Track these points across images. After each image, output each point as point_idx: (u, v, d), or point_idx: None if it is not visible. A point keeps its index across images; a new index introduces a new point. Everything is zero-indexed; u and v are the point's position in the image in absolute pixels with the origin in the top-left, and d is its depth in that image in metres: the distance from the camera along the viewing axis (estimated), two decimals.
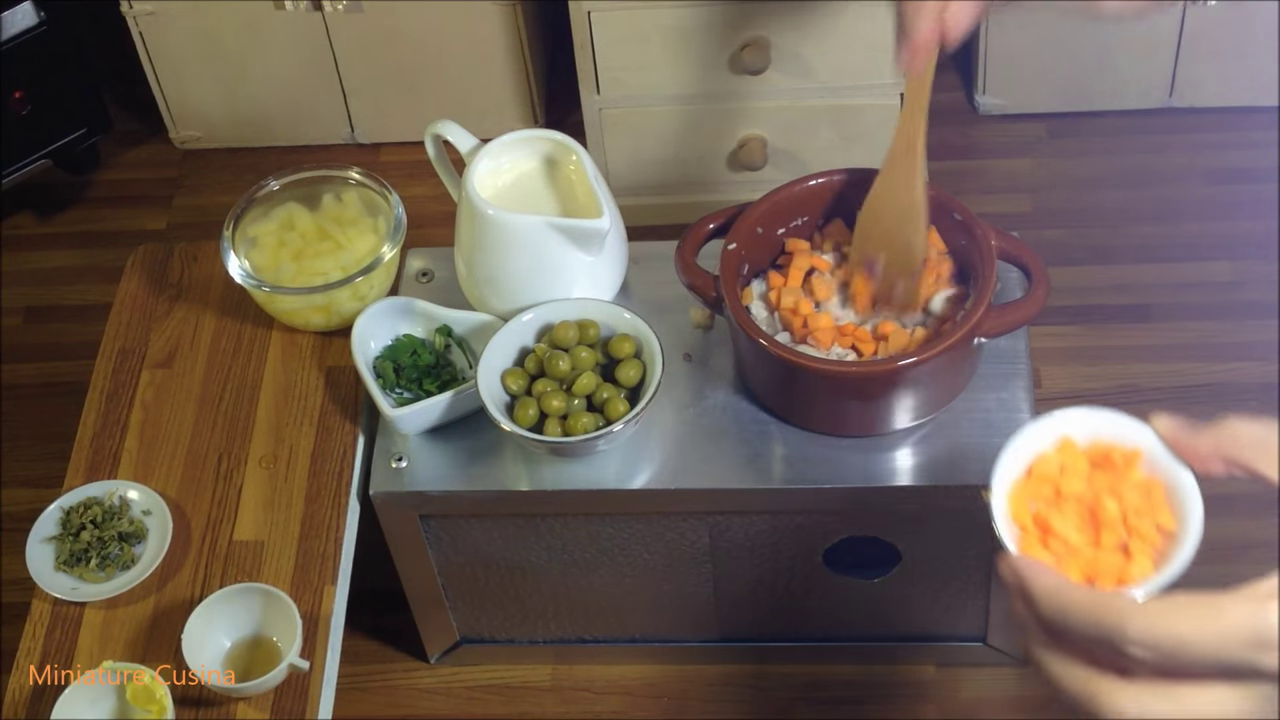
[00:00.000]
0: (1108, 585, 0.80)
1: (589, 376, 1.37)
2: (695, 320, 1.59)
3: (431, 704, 1.84)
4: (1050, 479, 0.85)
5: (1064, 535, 0.81)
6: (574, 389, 1.37)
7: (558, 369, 1.36)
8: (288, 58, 2.30)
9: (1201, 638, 0.65)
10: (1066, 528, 0.82)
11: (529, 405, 1.37)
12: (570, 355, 1.39)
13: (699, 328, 1.59)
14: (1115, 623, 0.66)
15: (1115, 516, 0.82)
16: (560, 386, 1.39)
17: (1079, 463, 0.85)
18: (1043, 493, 0.85)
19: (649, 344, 1.34)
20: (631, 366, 1.38)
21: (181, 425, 1.61)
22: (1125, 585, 0.80)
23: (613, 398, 1.36)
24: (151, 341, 1.69)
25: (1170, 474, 0.83)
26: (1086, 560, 0.81)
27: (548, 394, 1.38)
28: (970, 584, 1.63)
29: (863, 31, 2.02)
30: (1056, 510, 0.83)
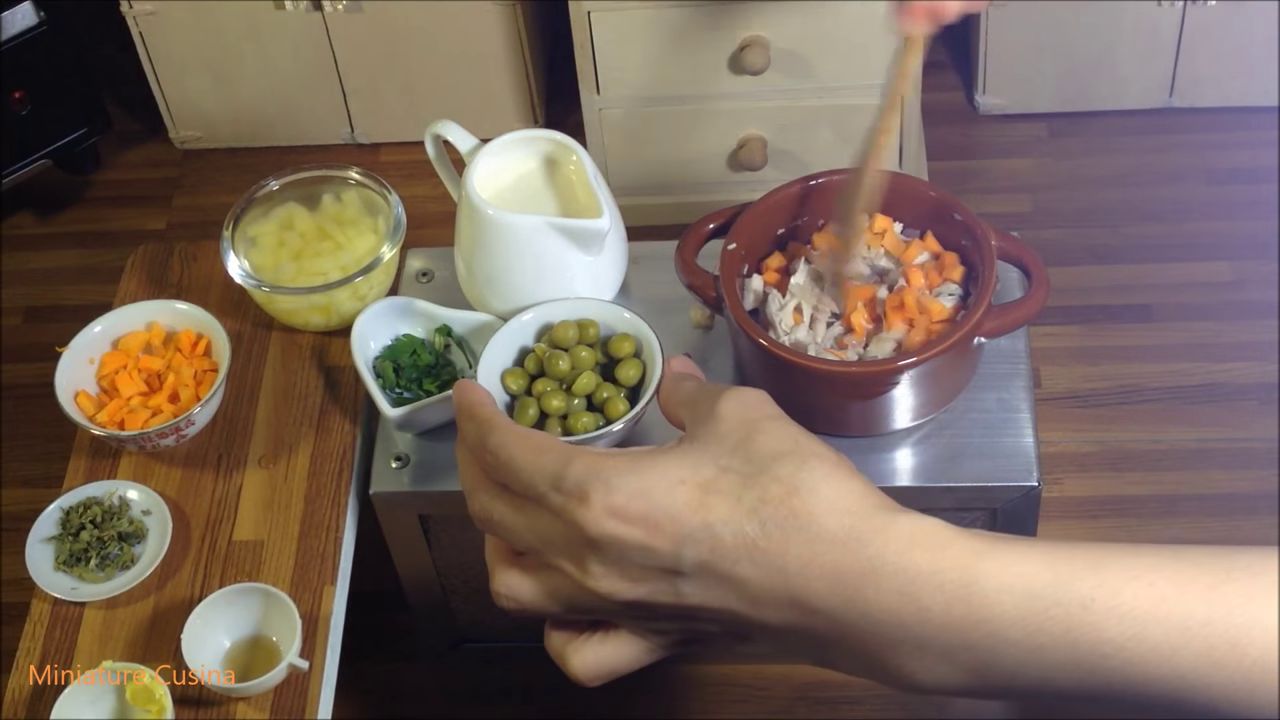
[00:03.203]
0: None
1: (589, 376, 1.37)
2: (695, 320, 1.59)
3: (431, 704, 1.84)
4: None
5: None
6: (574, 389, 1.37)
7: (557, 369, 1.36)
8: (288, 58, 2.30)
9: (524, 461, 0.74)
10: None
11: (529, 405, 1.37)
12: (570, 355, 1.39)
13: (699, 328, 1.59)
14: (485, 431, 0.77)
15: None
16: (560, 386, 1.39)
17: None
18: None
19: (649, 343, 1.34)
20: (631, 366, 1.37)
21: None
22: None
23: (613, 397, 1.36)
24: None
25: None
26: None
27: (547, 393, 1.38)
28: None
29: (862, 31, 2.02)
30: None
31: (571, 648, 0.81)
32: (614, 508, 0.71)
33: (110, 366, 1.58)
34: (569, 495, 0.72)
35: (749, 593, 0.70)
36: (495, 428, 0.77)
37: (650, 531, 0.71)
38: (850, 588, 0.69)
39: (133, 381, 1.57)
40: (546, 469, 0.73)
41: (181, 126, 2.44)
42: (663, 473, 0.72)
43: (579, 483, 0.72)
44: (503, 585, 0.78)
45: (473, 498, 0.78)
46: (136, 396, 1.56)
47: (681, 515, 0.71)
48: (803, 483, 0.71)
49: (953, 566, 0.69)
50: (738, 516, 0.70)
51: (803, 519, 0.70)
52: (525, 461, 0.74)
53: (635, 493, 0.71)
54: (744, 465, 0.72)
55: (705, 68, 2.08)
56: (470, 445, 0.79)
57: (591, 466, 0.72)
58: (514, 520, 0.75)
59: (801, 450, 0.72)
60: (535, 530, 0.74)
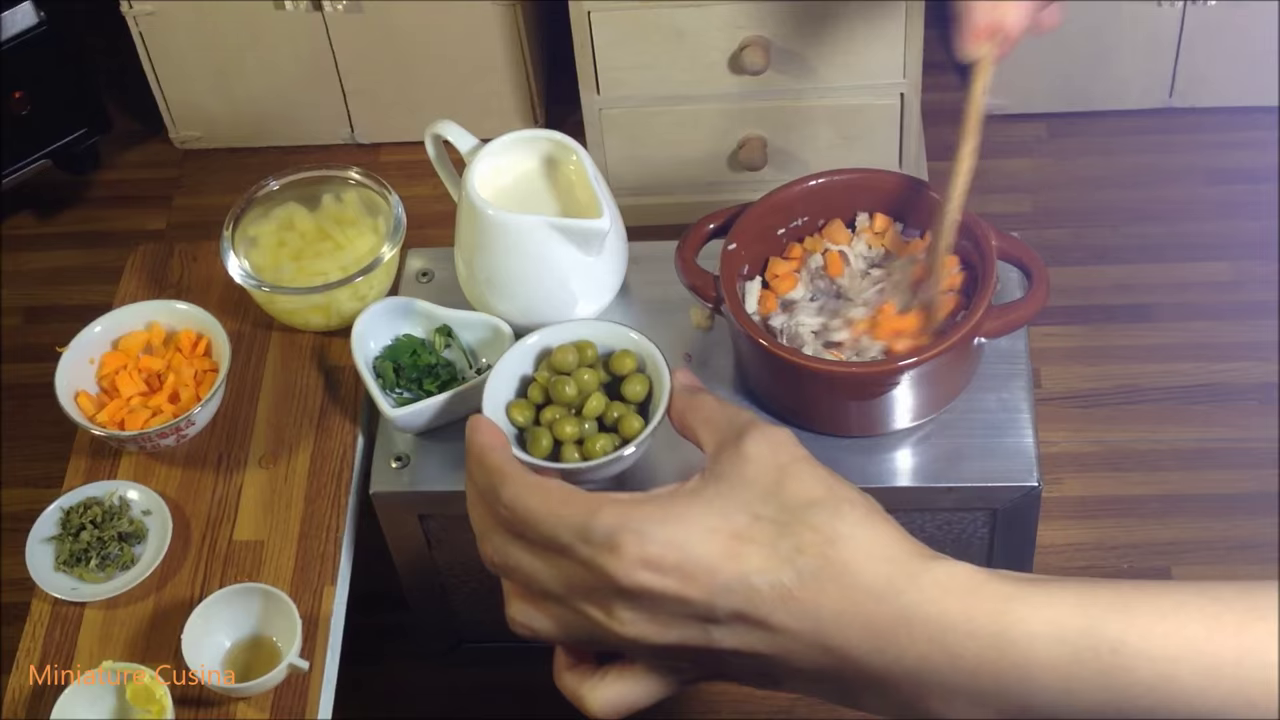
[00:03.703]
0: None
1: (597, 397, 1.32)
2: (695, 320, 1.59)
3: (431, 704, 1.84)
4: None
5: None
6: (584, 412, 1.32)
7: (565, 394, 1.31)
8: (288, 58, 2.30)
9: (545, 514, 0.74)
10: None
11: (540, 435, 1.32)
12: (574, 378, 1.33)
13: (699, 328, 1.59)
14: (498, 482, 0.77)
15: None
16: (570, 411, 1.34)
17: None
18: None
19: (651, 357, 1.31)
20: (637, 381, 1.33)
21: None
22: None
23: (625, 415, 1.31)
24: None
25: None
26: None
27: (559, 420, 1.32)
28: None
29: (862, 31, 2.02)
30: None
31: (587, 686, 0.82)
32: (647, 558, 0.71)
33: (110, 366, 1.58)
34: (598, 546, 0.72)
35: (782, 640, 0.71)
36: (508, 478, 0.77)
37: (684, 582, 0.71)
38: (884, 636, 0.69)
39: (133, 381, 1.57)
40: (570, 521, 0.73)
41: (181, 126, 2.44)
42: (695, 521, 0.72)
43: (608, 534, 0.72)
44: (520, 615, 0.78)
45: (486, 541, 0.78)
46: (136, 396, 1.56)
47: (716, 565, 0.71)
48: (837, 531, 0.71)
49: (985, 614, 0.69)
50: (773, 566, 0.71)
51: (838, 568, 0.70)
52: (546, 514, 0.74)
53: (668, 542, 0.71)
54: (778, 513, 0.72)
55: (705, 68, 2.08)
56: (481, 491, 0.79)
57: (620, 516, 0.72)
58: (533, 567, 0.76)
59: (835, 497, 0.73)
60: (557, 578, 0.75)
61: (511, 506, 0.76)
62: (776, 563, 0.71)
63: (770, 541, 0.71)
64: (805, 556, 0.70)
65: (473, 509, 0.80)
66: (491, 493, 0.77)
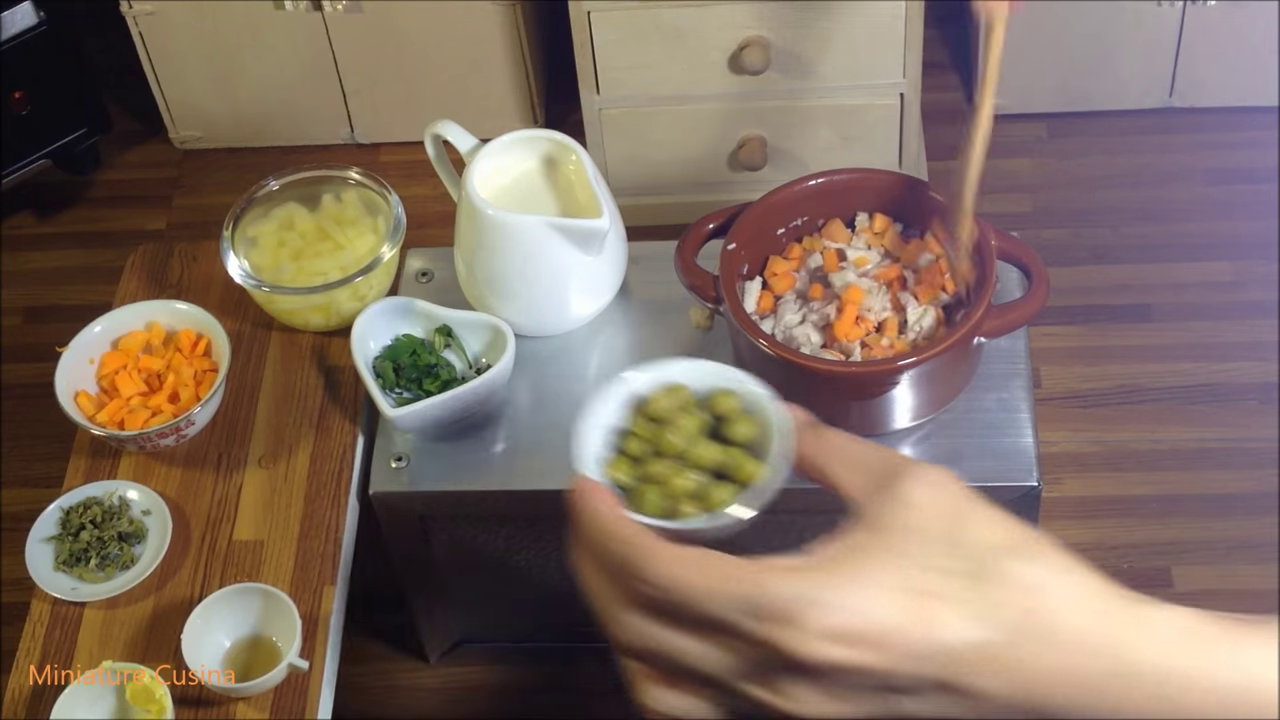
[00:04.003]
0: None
1: (706, 444, 1.15)
2: (695, 320, 1.59)
3: (431, 704, 1.84)
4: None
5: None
6: (695, 462, 1.16)
7: (671, 444, 1.14)
8: (288, 58, 2.30)
9: (705, 592, 0.67)
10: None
11: (649, 493, 1.13)
12: (677, 426, 1.18)
13: (699, 328, 1.59)
14: (639, 561, 0.69)
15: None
16: (679, 463, 1.17)
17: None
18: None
19: (751, 394, 1.15)
20: (743, 423, 1.15)
21: None
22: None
23: (742, 460, 1.13)
24: None
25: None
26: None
27: (671, 476, 1.15)
28: None
29: (862, 31, 2.02)
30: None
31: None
32: (830, 630, 0.64)
33: (110, 366, 1.58)
34: (772, 622, 0.65)
35: (983, 705, 0.65)
36: (650, 553, 0.69)
37: (875, 652, 0.64)
38: (1099, 691, 0.64)
39: (133, 381, 1.57)
40: (736, 596, 0.66)
41: (181, 126, 2.44)
42: (874, 582, 0.65)
43: (782, 607, 0.65)
44: (660, 703, 0.71)
45: (619, 624, 0.70)
46: (136, 396, 1.56)
47: (908, 630, 0.64)
48: (1035, 581, 0.65)
49: (1222, 665, 0.64)
50: (969, 625, 0.64)
51: (1043, 620, 0.64)
52: (705, 590, 0.67)
53: (853, 610, 0.65)
54: (963, 564, 0.66)
55: (705, 68, 2.08)
56: (610, 568, 0.71)
57: (792, 586, 0.66)
58: (684, 649, 0.68)
59: (1023, 540, 0.66)
60: (717, 660, 0.67)
61: (660, 584, 0.68)
62: (973, 621, 0.64)
63: (962, 597, 0.64)
64: (1005, 610, 0.64)
65: (596, 587, 0.72)
66: (628, 569, 0.69)
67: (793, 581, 0.66)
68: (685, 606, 0.67)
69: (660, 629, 0.69)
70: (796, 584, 0.66)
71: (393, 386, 1.55)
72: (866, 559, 0.67)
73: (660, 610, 0.69)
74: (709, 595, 0.67)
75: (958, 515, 0.67)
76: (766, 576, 0.66)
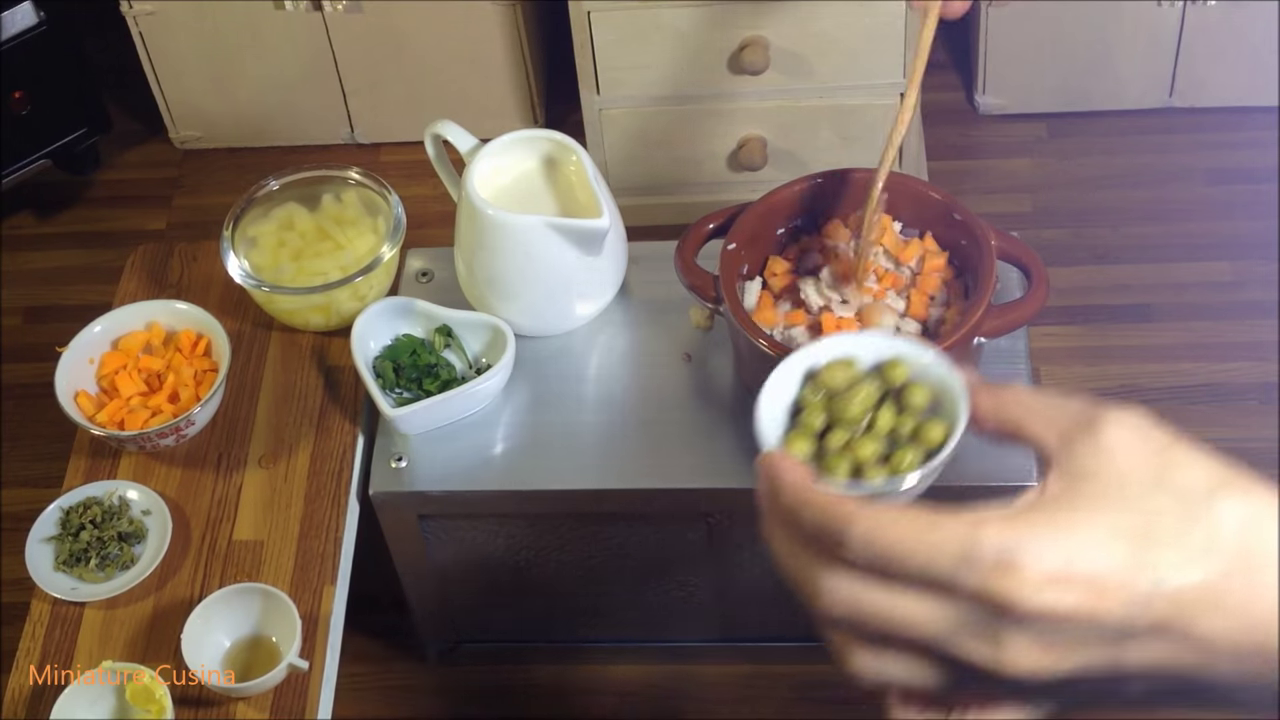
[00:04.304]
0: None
1: (886, 411, 1.17)
2: (695, 320, 1.59)
3: (431, 704, 1.84)
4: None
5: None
6: (877, 428, 1.18)
7: (851, 413, 1.17)
8: (288, 58, 2.30)
9: (915, 545, 0.65)
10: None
11: (837, 462, 1.16)
12: (855, 395, 1.20)
13: (699, 328, 1.59)
14: (842, 522, 0.67)
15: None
16: (861, 431, 1.19)
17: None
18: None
19: (919, 362, 1.15)
20: (917, 391, 1.17)
21: None
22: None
23: (920, 424, 1.16)
24: None
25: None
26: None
27: (855, 441, 1.17)
28: None
29: (862, 31, 2.02)
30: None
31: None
32: (1048, 576, 0.63)
33: (110, 366, 1.58)
34: (989, 570, 0.63)
35: (1206, 647, 0.63)
36: (852, 515, 0.67)
37: (1097, 596, 0.63)
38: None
39: (133, 381, 1.57)
40: (947, 548, 0.64)
41: (181, 126, 2.44)
42: (1087, 528, 0.64)
43: (999, 554, 0.63)
44: (870, 668, 0.69)
45: (824, 592, 0.68)
46: (136, 396, 1.56)
47: (1124, 574, 0.63)
48: (1247, 518, 0.63)
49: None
50: (1185, 566, 0.63)
51: (1258, 558, 0.63)
52: (916, 544, 0.65)
53: (1068, 556, 0.63)
54: (1172, 505, 0.64)
55: (705, 68, 2.08)
56: (810, 536, 0.70)
57: (1005, 534, 0.64)
58: (896, 609, 0.66)
59: (1230, 480, 0.65)
60: (931, 617, 0.66)
61: (867, 543, 0.66)
62: (1189, 561, 0.63)
63: (1175, 538, 0.63)
64: (1219, 550, 0.63)
65: (793, 560, 0.70)
66: (831, 535, 0.68)
67: (1006, 529, 0.64)
68: (893, 564, 0.66)
69: (866, 590, 0.67)
70: (1010, 532, 0.64)
71: (393, 386, 1.55)
72: (1076, 506, 0.65)
73: (867, 573, 0.67)
74: (918, 549, 0.65)
75: (1161, 457, 0.66)
76: (978, 526, 0.64)
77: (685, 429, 1.52)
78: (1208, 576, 0.63)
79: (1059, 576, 0.63)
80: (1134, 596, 0.63)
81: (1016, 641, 0.64)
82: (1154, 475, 0.65)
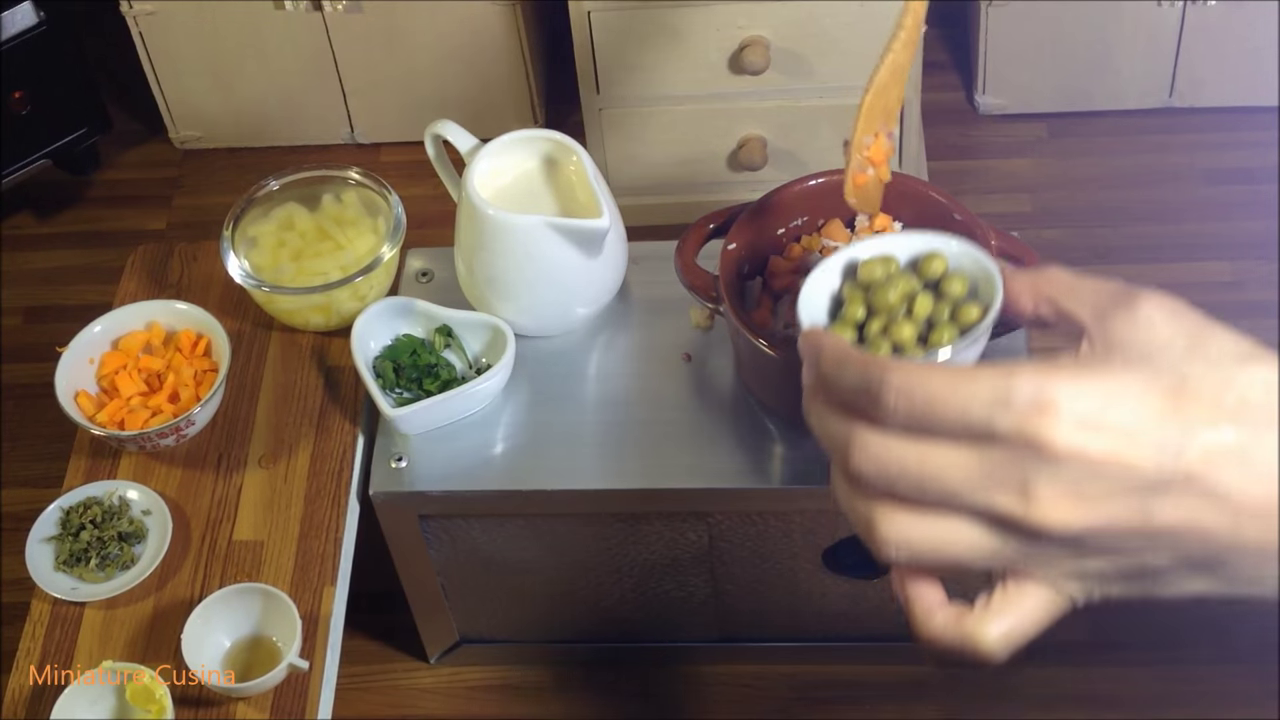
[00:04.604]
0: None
1: (924, 298, 1.20)
2: (695, 320, 1.59)
3: (431, 704, 1.84)
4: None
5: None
6: (915, 313, 1.21)
7: (889, 301, 1.20)
8: (288, 58, 2.30)
9: (951, 392, 0.65)
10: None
11: (880, 345, 1.19)
12: (893, 284, 1.23)
13: (699, 328, 1.59)
14: (879, 373, 0.68)
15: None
16: (900, 316, 1.22)
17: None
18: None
19: (957, 253, 1.17)
20: (955, 281, 1.20)
21: None
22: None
23: (959, 307, 1.19)
24: None
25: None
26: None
27: (895, 324, 1.20)
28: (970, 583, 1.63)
29: (862, 31, 2.02)
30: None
31: (973, 621, 0.73)
32: (1082, 417, 0.63)
33: (110, 366, 1.58)
34: (1024, 411, 0.64)
35: (1234, 506, 0.64)
36: (889, 368, 0.68)
37: (1128, 444, 0.64)
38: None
39: (133, 381, 1.57)
40: (983, 392, 0.65)
41: (181, 126, 2.44)
42: (1123, 382, 0.65)
43: (1034, 395, 0.64)
44: (897, 532, 0.69)
45: (857, 450, 0.68)
46: (136, 396, 1.56)
47: (1160, 424, 0.64)
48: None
49: None
50: (1222, 422, 0.64)
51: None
52: (952, 390, 0.65)
53: (1104, 400, 0.64)
54: (1209, 370, 0.66)
55: (705, 68, 2.08)
56: (850, 395, 0.70)
57: (1043, 379, 0.64)
58: (928, 460, 0.67)
59: (1263, 351, 0.67)
60: (964, 465, 0.66)
61: (903, 390, 0.66)
62: (1225, 417, 0.64)
63: (1212, 398, 0.64)
64: (1254, 408, 0.64)
65: (831, 428, 0.70)
66: (869, 391, 0.68)
67: (1042, 376, 0.64)
68: (932, 410, 0.66)
69: (900, 445, 0.67)
70: (1046, 379, 0.64)
71: (393, 386, 1.55)
72: (1111, 365, 0.66)
73: (903, 426, 0.67)
74: (954, 394, 0.65)
75: (1195, 331, 0.68)
76: (1014, 373, 0.65)
77: (685, 429, 1.53)
78: (1239, 435, 0.64)
79: (1093, 421, 0.63)
80: (1165, 447, 0.63)
81: (1046, 491, 0.64)
82: (1187, 345, 0.68)
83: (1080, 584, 0.70)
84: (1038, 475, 0.64)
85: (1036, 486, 0.65)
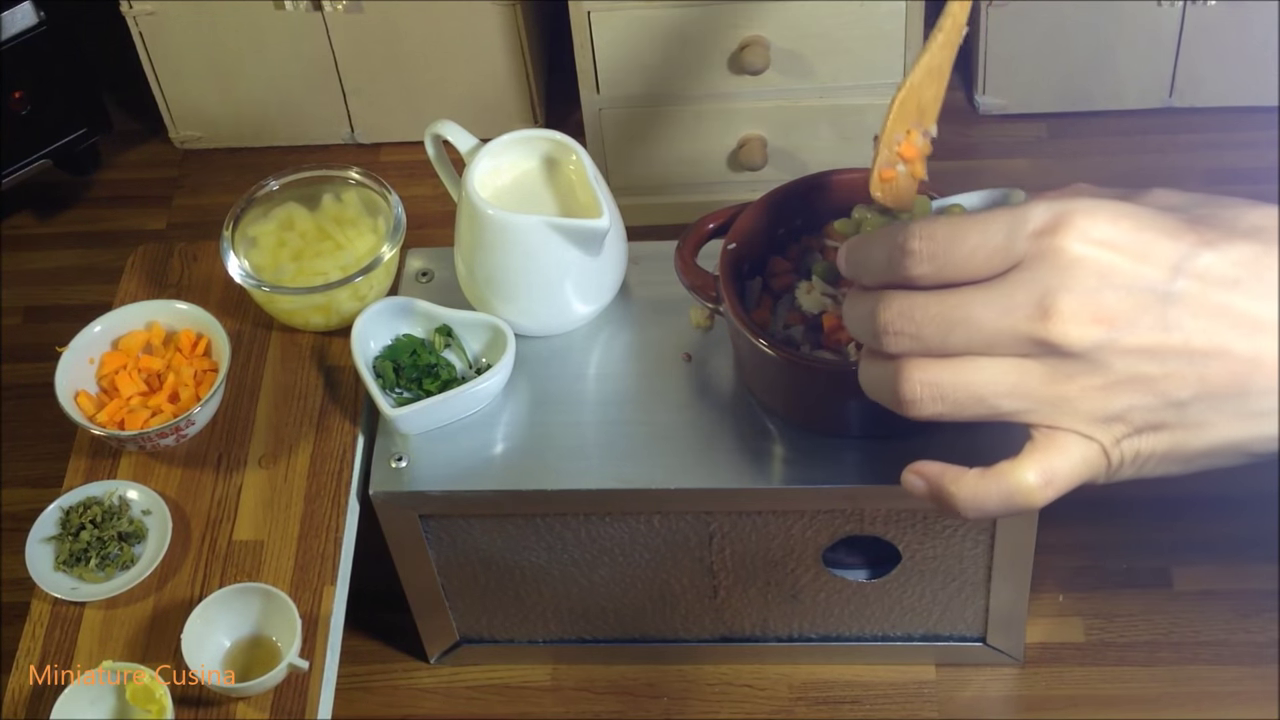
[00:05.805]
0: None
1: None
2: (695, 320, 1.59)
3: (431, 704, 1.84)
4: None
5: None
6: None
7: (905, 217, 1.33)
8: (288, 58, 2.30)
9: (971, 223, 0.69)
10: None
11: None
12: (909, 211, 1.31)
13: (699, 328, 1.59)
14: (901, 229, 0.71)
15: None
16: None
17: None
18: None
19: (976, 204, 1.32)
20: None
21: None
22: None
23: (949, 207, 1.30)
24: None
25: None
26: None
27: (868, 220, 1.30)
28: (970, 584, 1.63)
29: (862, 31, 2.02)
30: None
31: (1013, 469, 0.76)
32: (1100, 234, 0.67)
33: (110, 366, 1.58)
34: (1040, 229, 0.67)
35: (1250, 320, 0.66)
36: (910, 224, 0.71)
37: (1143, 253, 0.67)
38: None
39: (133, 381, 1.57)
40: (1001, 218, 0.68)
41: (181, 126, 2.44)
42: (1138, 209, 0.68)
43: (1051, 219, 0.68)
44: (923, 382, 0.72)
45: (885, 309, 0.71)
46: (136, 396, 1.56)
47: (1175, 239, 0.67)
48: (1270, 224, 0.68)
49: None
50: (1234, 241, 0.67)
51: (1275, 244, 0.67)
52: (970, 223, 0.69)
53: (1118, 220, 0.67)
54: (1218, 210, 0.69)
55: (705, 68, 2.08)
56: (876, 262, 0.73)
57: (1059, 201, 0.68)
58: (950, 303, 0.70)
59: (1268, 205, 0.70)
60: (984, 301, 0.69)
61: (927, 234, 0.69)
62: (1236, 238, 0.67)
63: (1225, 224, 0.68)
64: (1265, 235, 0.67)
65: (860, 305, 0.73)
66: (894, 247, 0.71)
67: (1059, 200, 0.68)
68: (951, 242, 0.69)
69: (925, 295, 0.70)
70: (1063, 202, 0.68)
71: (393, 386, 1.55)
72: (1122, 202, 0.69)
73: (925, 276, 0.70)
74: (972, 225, 0.68)
75: (1199, 195, 0.71)
76: (1032, 200, 0.68)
77: (685, 429, 1.52)
78: (1254, 251, 0.66)
79: (1108, 238, 0.66)
80: (1179, 260, 0.66)
81: (1065, 304, 0.67)
82: (1196, 200, 0.71)
83: (1107, 429, 0.71)
84: (1056, 290, 0.67)
85: (1055, 300, 0.67)
